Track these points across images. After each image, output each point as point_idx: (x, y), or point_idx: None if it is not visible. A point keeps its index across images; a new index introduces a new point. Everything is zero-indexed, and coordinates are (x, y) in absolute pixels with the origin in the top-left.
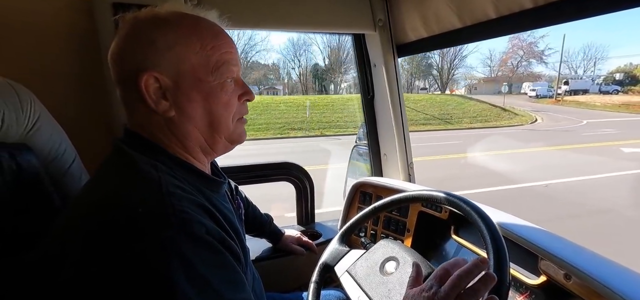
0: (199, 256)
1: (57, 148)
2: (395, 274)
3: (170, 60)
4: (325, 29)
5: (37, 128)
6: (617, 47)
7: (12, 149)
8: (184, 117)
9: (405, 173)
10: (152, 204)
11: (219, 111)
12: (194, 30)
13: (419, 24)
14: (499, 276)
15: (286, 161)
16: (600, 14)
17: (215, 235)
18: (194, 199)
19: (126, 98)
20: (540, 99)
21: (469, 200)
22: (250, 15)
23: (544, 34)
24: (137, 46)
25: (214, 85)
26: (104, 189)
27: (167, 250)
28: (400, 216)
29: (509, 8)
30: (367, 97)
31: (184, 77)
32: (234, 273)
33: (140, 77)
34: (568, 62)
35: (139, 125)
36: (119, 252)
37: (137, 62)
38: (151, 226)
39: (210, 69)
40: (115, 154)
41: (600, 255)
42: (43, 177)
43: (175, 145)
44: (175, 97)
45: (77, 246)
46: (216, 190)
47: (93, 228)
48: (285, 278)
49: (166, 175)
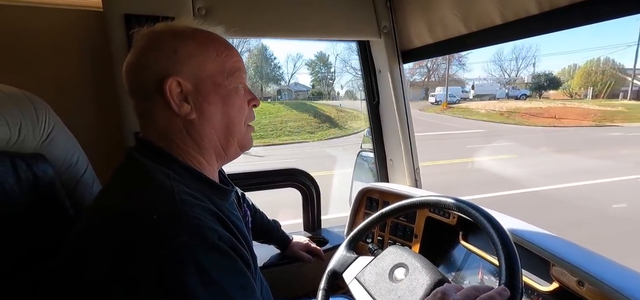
0: (213, 261)
1: (71, 157)
2: (404, 281)
3: (191, 67)
4: (331, 37)
5: (51, 138)
6: (565, 46)
7: (28, 159)
8: (203, 120)
9: (412, 178)
10: (166, 211)
11: (234, 114)
12: (209, 40)
13: (424, 30)
14: (512, 283)
15: (293, 167)
16: (608, 19)
17: (226, 242)
18: (205, 205)
19: (144, 107)
20: (435, 106)
21: (478, 206)
22: (256, 24)
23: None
24: (159, 55)
25: (230, 90)
26: (118, 198)
27: (182, 256)
28: (408, 222)
29: (515, 13)
30: (373, 103)
31: (203, 82)
32: (245, 279)
33: (165, 82)
34: (501, 62)
35: (157, 132)
36: (136, 260)
37: (160, 69)
38: (166, 232)
39: (225, 75)
40: (128, 162)
41: (613, 261)
42: (57, 186)
43: (190, 149)
44: (196, 100)
45: (95, 255)
46: (225, 199)
47: (109, 237)
48: (293, 285)
49: (178, 183)
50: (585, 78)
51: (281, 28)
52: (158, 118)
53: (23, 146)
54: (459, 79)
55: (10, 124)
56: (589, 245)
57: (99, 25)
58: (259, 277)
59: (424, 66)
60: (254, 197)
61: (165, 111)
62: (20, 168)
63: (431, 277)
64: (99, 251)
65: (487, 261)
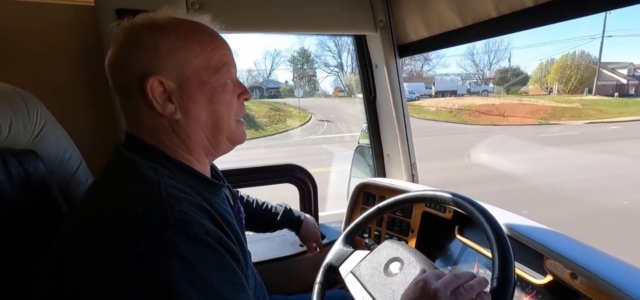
0: (199, 256)
1: (63, 154)
2: (399, 275)
3: (173, 64)
4: (326, 31)
5: (43, 134)
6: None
7: (20, 155)
8: (189, 119)
9: (409, 173)
10: (151, 205)
11: (221, 111)
12: (193, 34)
13: (420, 24)
14: (505, 276)
15: (289, 163)
16: (602, 10)
17: (214, 236)
18: (193, 200)
19: (128, 104)
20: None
21: (473, 201)
22: (251, 18)
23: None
24: (139, 52)
25: (216, 86)
26: (105, 193)
27: (167, 250)
28: (404, 217)
29: (510, 7)
30: (369, 97)
31: (187, 80)
32: (233, 274)
33: (146, 81)
34: (473, 57)
35: (142, 130)
36: (121, 254)
37: (141, 67)
38: (151, 226)
39: (211, 71)
40: (116, 158)
41: (607, 253)
42: (50, 182)
43: (178, 148)
44: (180, 99)
45: (83, 252)
46: (216, 193)
47: (96, 232)
48: (289, 280)
49: (166, 177)
50: (561, 72)
51: (276, 22)
52: (143, 117)
53: (14, 142)
54: (428, 76)
55: (1, 120)
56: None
57: (91, 21)
58: (253, 273)
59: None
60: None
61: (149, 111)
62: (11, 164)
63: (425, 271)
64: (86, 248)
65: (482, 255)
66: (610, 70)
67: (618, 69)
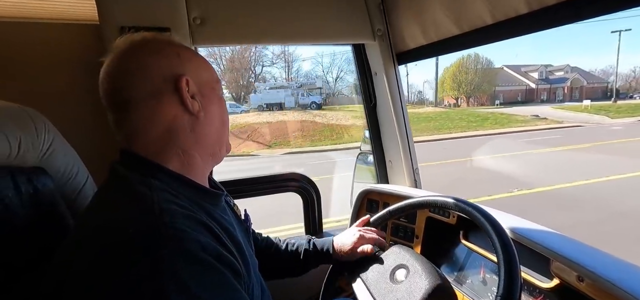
0: (194, 276)
1: (71, 169)
2: (404, 283)
3: (193, 70)
4: (325, 41)
5: (51, 151)
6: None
7: (29, 173)
8: (207, 118)
9: (411, 179)
10: (144, 224)
11: (225, 116)
12: (195, 52)
13: (417, 32)
14: (511, 283)
15: (293, 172)
16: (595, 16)
17: (211, 252)
18: (190, 214)
19: (146, 113)
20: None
21: (478, 206)
22: (251, 31)
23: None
24: (164, 57)
25: (219, 95)
26: (98, 214)
27: (161, 271)
28: (408, 223)
29: (505, 13)
30: (370, 105)
31: (203, 85)
32: (232, 291)
33: (181, 79)
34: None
35: (150, 139)
36: (111, 277)
37: (171, 69)
38: (143, 247)
39: (214, 82)
40: (110, 176)
41: (613, 256)
42: (57, 198)
43: (190, 149)
44: (201, 100)
45: (75, 274)
46: (215, 203)
47: (87, 255)
48: (295, 289)
49: (161, 192)
50: (452, 79)
51: (276, 34)
52: (160, 120)
53: (24, 160)
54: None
55: (10, 139)
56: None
57: (96, 39)
58: (258, 282)
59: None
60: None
61: (174, 109)
62: (20, 182)
63: (430, 281)
64: (78, 271)
65: (488, 259)
66: (523, 74)
67: (531, 72)
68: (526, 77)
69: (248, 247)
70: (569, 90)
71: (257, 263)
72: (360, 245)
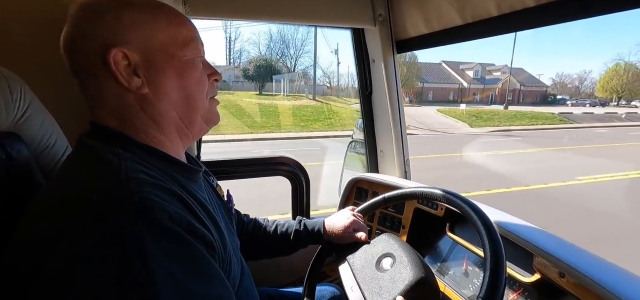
0: (161, 246)
1: (48, 138)
2: (389, 272)
3: (138, 36)
4: (325, 23)
5: (27, 116)
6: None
7: (2, 138)
8: (159, 95)
9: (402, 170)
10: (108, 191)
11: (192, 87)
12: (157, 8)
13: (419, 20)
14: (496, 274)
15: (282, 155)
16: (603, 13)
17: (181, 223)
18: (159, 184)
19: (91, 85)
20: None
21: (468, 200)
22: (247, 7)
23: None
24: (100, 23)
25: (186, 61)
26: (63, 182)
27: (124, 238)
28: (396, 213)
29: (511, 6)
30: (365, 92)
31: (154, 52)
32: (205, 264)
33: (109, 53)
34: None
35: (109, 112)
36: (74, 245)
37: (102, 39)
38: (106, 213)
39: (179, 45)
40: (78, 146)
41: (594, 254)
42: (34, 167)
43: (149, 128)
44: (147, 73)
45: (39, 241)
46: (191, 178)
47: (52, 222)
48: (280, 273)
49: (130, 161)
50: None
51: (272, 11)
52: (107, 96)
53: None
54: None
55: None
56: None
57: None
58: (239, 263)
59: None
60: (242, 185)
61: (114, 86)
62: None
63: (414, 273)
64: (39, 238)
65: (472, 252)
66: (460, 72)
67: (467, 70)
68: (463, 75)
69: (228, 227)
70: (500, 92)
71: (238, 243)
72: (351, 228)
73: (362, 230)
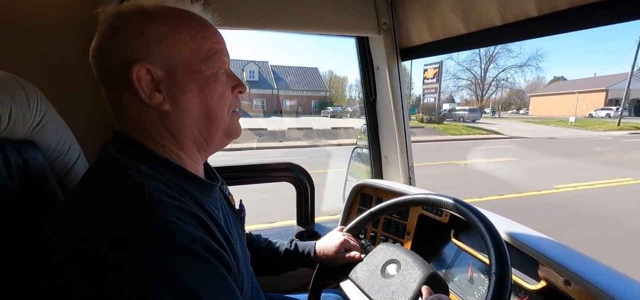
0: (184, 266)
1: (62, 145)
2: (397, 276)
3: (161, 51)
4: (330, 31)
5: (43, 124)
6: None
7: (18, 145)
8: (179, 111)
9: (406, 176)
10: (133, 214)
11: (214, 102)
12: (182, 20)
13: (423, 29)
14: (502, 282)
15: (287, 162)
16: (606, 24)
17: (202, 244)
18: (180, 206)
19: (114, 97)
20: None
21: (473, 207)
22: (254, 16)
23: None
24: (125, 39)
25: (208, 76)
26: (87, 198)
27: (148, 262)
28: (401, 219)
29: (515, 15)
30: (369, 99)
31: (176, 68)
32: (224, 283)
33: (132, 69)
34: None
35: (129, 125)
36: (98, 268)
37: (126, 54)
38: (130, 237)
39: (202, 59)
40: (100, 157)
41: (600, 262)
42: (48, 173)
43: (168, 143)
44: (169, 89)
45: (56, 260)
46: (208, 194)
47: (72, 243)
48: (285, 279)
49: (152, 179)
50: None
51: (280, 20)
52: (129, 109)
53: (13, 132)
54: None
55: (0, 109)
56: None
57: (93, 5)
58: (249, 274)
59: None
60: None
61: (135, 101)
62: (10, 154)
63: (423, 271)
64: (60, 257)
65: (477, 259)
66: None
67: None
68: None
69: (241, 238)
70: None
71: (248, 255)
72: (343, 249)
73: (354, 250)
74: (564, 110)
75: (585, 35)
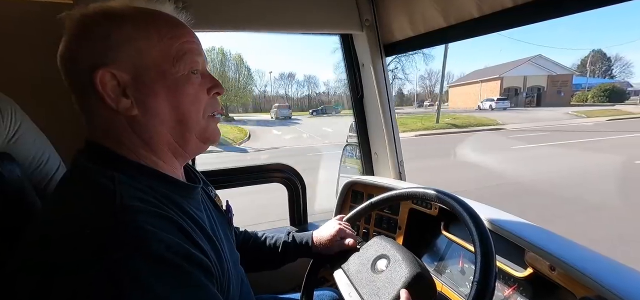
0: (157, 276)
1: (40, 156)
2: (385, 273)
3: (127, 54)
4: (313, 30)
5: (18, 136)
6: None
7: None
8: (148, 115)
9: (396, 171)
10: (102, 223)
11: (186, 106)
12: (151, 21)
13: (405, 24)
14: (487, 272)
15: (278, 163)
16: (578, 11)
17: (178, 252)
18: (156, 211)
19: (84, 104)
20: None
21: (457, 197)
22: (235, 17)
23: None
24: (89, 43)
25: (178, 78)
26: (59, 210)
27: (119, 274)
28: (392, 214)
29: (492, 7)
30: (357, 96)
31: (145, 71)
32: (203, 291)
33: (96, 74)
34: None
35: (100, 132)
36: (72, 280)
37: (91, 59)
38: (100, 247)
39: (171, 60)
40: (72, 167)
41: (584, 246)
42: (26, 185)
43: (140, 149)
44: (137, 93)
45: (36, 274)
46: (188, 196)
47: (48, 254)
48: (278, 279)
49: (125, 186)
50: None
51: (262, 21)
52: (99, 116)
53: None
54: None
55: None
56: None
57: None
58: (238, 275)
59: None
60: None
61: (103, 107)
62: None
63: (410, 269)
64: (36, 271)
65: (467, 250)
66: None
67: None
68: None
69: (228, 240)
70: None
71: (238, 256)
72: (338, 237)
73: (349, 237)
74: (474, 101)
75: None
